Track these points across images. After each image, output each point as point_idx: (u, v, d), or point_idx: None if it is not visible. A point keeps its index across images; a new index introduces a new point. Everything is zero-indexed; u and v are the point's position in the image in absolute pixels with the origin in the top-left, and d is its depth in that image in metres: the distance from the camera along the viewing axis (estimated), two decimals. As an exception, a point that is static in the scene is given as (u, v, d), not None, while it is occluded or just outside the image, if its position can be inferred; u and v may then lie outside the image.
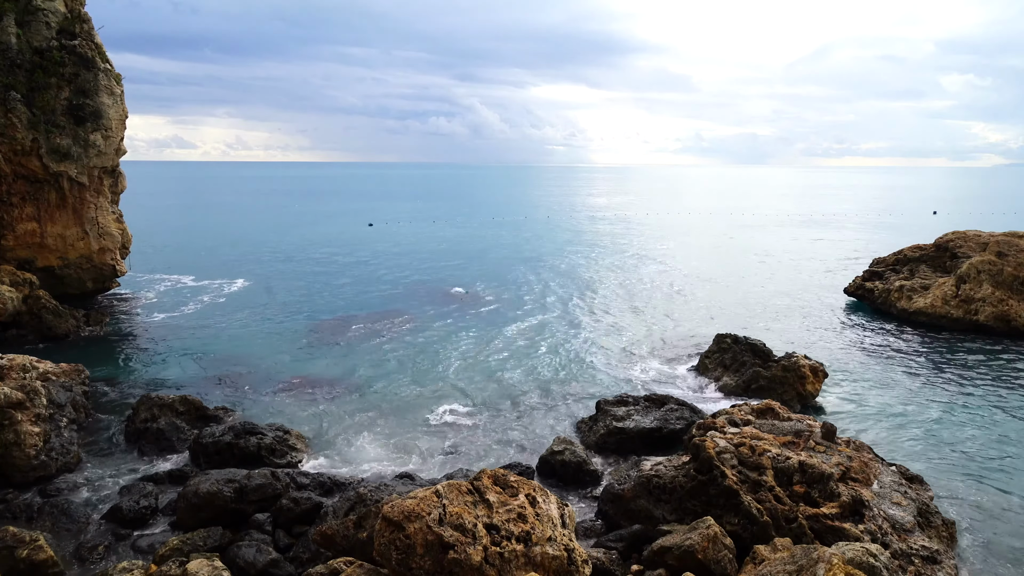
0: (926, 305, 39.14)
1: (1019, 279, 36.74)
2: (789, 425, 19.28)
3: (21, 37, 38.69)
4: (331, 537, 15.11)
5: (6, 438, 19.95)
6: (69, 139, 39.77)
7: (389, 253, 68.72)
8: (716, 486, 16.48)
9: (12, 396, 20.64)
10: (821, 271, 58.73)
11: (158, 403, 23.82)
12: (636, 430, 22.90)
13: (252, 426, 22.85)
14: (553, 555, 12.70)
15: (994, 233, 42.23)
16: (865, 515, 15.63)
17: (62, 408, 22.41)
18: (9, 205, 39.59)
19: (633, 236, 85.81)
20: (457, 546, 12.16)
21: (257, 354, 32.89)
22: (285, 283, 51.38)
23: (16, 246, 40.15)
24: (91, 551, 16.65)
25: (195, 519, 17.51)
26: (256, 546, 15.95)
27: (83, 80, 40.18)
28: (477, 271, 57.68)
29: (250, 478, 18.45)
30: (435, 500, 12.87)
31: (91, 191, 42.24)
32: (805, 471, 16.44)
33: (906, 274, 43.48)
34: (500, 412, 26.17)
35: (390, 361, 32.11)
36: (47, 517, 17.74)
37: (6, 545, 15.11)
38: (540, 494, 13.97)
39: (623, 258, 66.22)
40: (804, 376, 26.72)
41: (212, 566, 14.11)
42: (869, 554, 12.37)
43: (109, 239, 43.73)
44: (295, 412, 25.96)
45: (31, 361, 23.10)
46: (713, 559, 14.41)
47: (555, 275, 55.89)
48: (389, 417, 25.56)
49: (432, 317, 40.82)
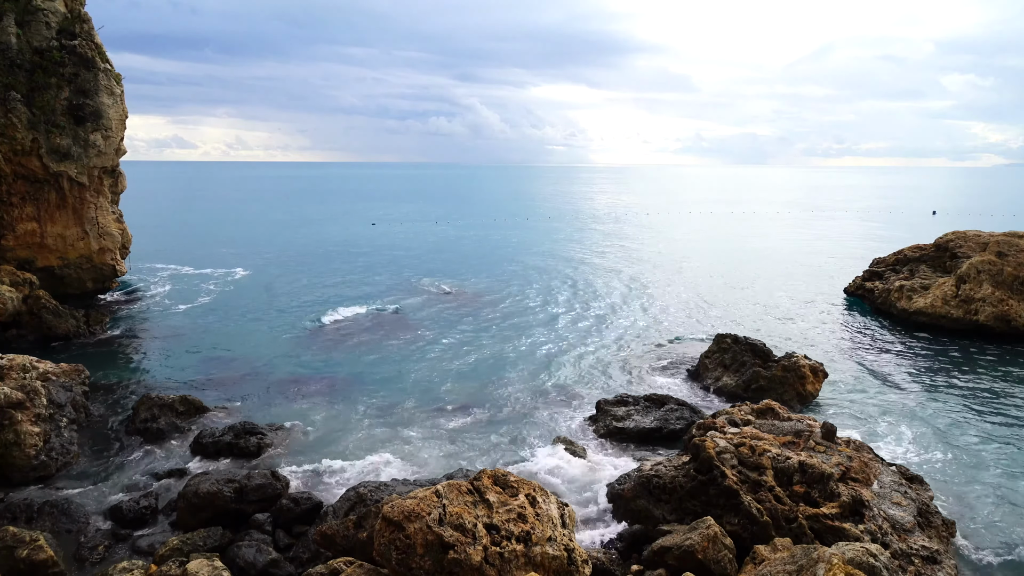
0: (926, 305, 39.14)
1: (1019, 279, 36.73)
2: (789, 425, 19.28)
3: (21, 37, 38.70)
4: (331, 537, 15.11)
5: (6, 438, 19.96)
6: (69, 139, 39.78)
7: (390, 252, 68.72)
8: (716, 486, 16.48)
9: (12, 396, 20.64)
10: (821, 271, 58.72)
11: (158, 403, 23.83)
12: (636, 430, 22.91)
13: (252, 426, 22.86)
14: (553, 555, 12.70)
15: (994, 233, 42.22)
16: (865, 515, 15.63)
17: (62, 408, 22.42)
18: (9, 205, 39.60)
19: (633, 236, 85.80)
20: (457, 546, 12.16)
21: (257, 354, 32.89)
22: (286, 283, 51.39)
23: (16, 246, 40.17)
24: (91, 551, 16.65)
25: (195, 519, 17.51)
26: (256, 546, 15.95)
27: (83, 80, 40.19)
28: (478, 271, 57.68)
29: (250, 478, 18.46)
30: (435, 500, 12.87)
31: (91, 191, 42.25)
32: (805, 471, 16.44)
33: (906, 274, 43.48)
34: (500, 411, 26.16)
35: (390, 360, 32.10)
36: (47, 517, 17.72)
37: (6, 545, 15.11)
38: (540, 494, 13.97)
39: (623, 258, 66.21)
40: (804, 376, 26.73)
41: (212, 566, 14.11)
42: (869, 554, 12.36)
43: (109, 239, 43.74)
44: (295, 412, 25.96)
45: (31, 361, 23.10)
46: (713, 559, 14.41)
47: (556, 275, 55.90)
48: (389, 416, 25.56)
49: (432, 317, 40.82)
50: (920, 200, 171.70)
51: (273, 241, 76.71)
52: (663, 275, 56.14)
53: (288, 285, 50.58)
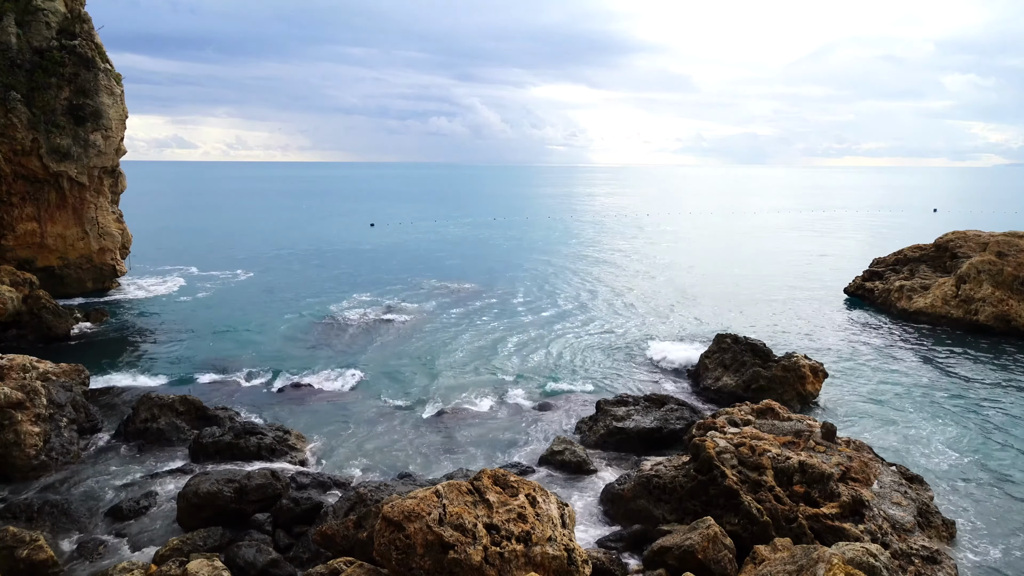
0: (926, 305, 39.14)
1: (1019, 279, 36.72)
2: (789, 425, 19.28)
3: (21, 37, 38.71)
4: (331, 537, 15.11)
5: (6, 438, 19.96)
6: (69, 139, 39.79)
7: (390, 253, 68.73)
8: (716, 486, 16.48)
9: (12, 396, 20.64)
10: (821, 271, 58.73)
11: (158, 403, 23.81)
12: (636, 430, 22.90)
13: (252, 426, 22.85)
14: (553, 555, 12.70)
15: (994, 233, 42.22)
16: (865, 515, 15.63)
17: (62, 408, 22.41)
18: (9, 205, 39.61)
19: (633, 236, 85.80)
20: (457, 546, 12.16)
21: (257, 353, 32.88)
22: (286, 283, 51.39)
23: (16, 246, 40.18)
24: (91, 551, 16.64)
25: (195, 519, 17.50)
26: (256, 546, 15.94)
27: (83, 80, 40.21)
28: (478, 271, 57.67)
29: (250, 478, 18.44)
30: (435, 500, 12.86)
31: (91, 191, 42.26)
32: (805, 471, 16.44)
33: (906, 274, 43.48)
34: (500, 411, 26.17)
35: (389, 360, 32.10)
36: (47, 517, 17.72)
37: (6, 545, 15.10)
38: (540, 494, 13.96)
39: (623, 258, 66.21)
40: (804, 376, 26.71)
41: (212, 566, 14.10)
42: (869, 554, 12.36)
43: (109, 239, 43.75)
44: (295, 412, 25.97)
45: (31, 361, 23.10)
46: (713, 559, 14.41)
47: (556, 275, 55.90)
48: (389, 416, 25.56)
49: (432, 317, 40.82)
50: (920, 200, 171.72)
51: (273, 241, 76.72)
52: (663, 275, 56.14)
53: (288, 285, 50.58)
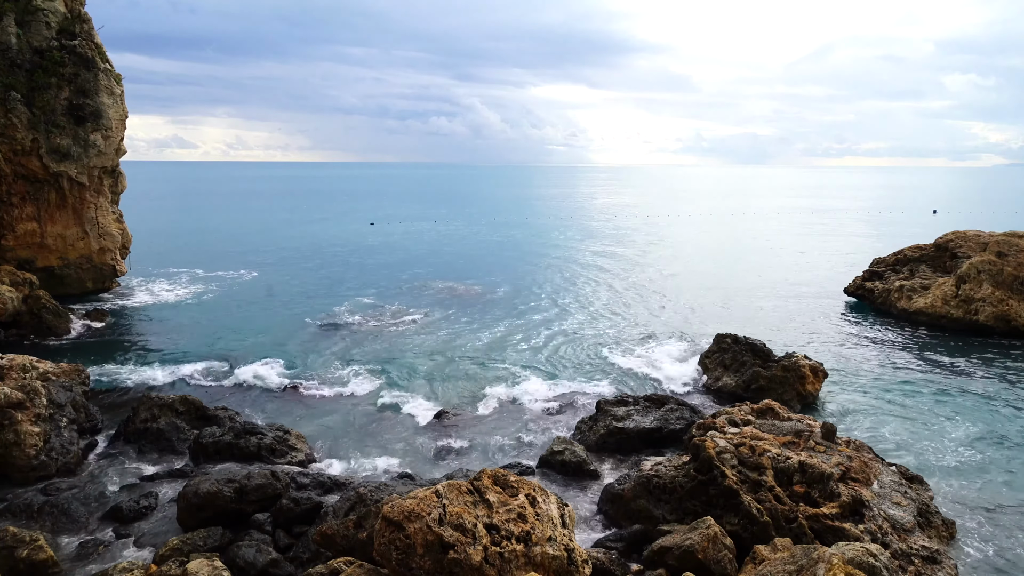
0: (926, 305, 39.13)
1: (1019, 279, 36.72)
2: (789, 425, 19.28)
3: (21, 37, 38.71)
4: (331, 537, 15.11)
5: (6, 438, 19.95)
6: (69, 139, 39.79)
7: (390, 252, 68.72)
8: (716, 486, 16.48)
9: (12, 396, 20.64)
10: (821, 271, 58.70)
11: (158, 403, 23.81)
12: (636, 430, 22.90)
13: (252, 426, 22.85)
14: (553, 555, 12.70)
15: (994, 233, 42.21)
16: (865, 515, 15.63)
17: (62, 408, 22.40)
18: (9, 205, 39.61)
19: (633, 236, 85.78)
20: (457, 546, 12.16)
21: (258, 353, 32.86)
22: (286, 282, 51.39)
23: (16, 246, 40.18)
24: (91, 551, 16.65)
25: (195, 519, 17.50)
26: (256, 546, 15.94)
27: (83, 80, 40.20)
28: (478, 271, 57.66)
29: (250, 478, 18.43)
30: (435, 500, 12.86)
31: (91, 191, 42.26)
32: (805, 471, 16.44)
33: (906, 274, 43.47)
34: (501, 411, 26.17)
35: (389, 360, 32.09)
36: (47, 517, 17.72)
37: (6, 545, 15.10)
38: (540, 494, 13.96)
39: (623, 258, 66.20)
40: (804, 376, 26.71)
41: (212, 566, 14.10)
42: (869, 554, 12.36)
43: (109, 239, 43.75)
44: (295, 412, 25.97)
45: (31, 361, 23.10)
46: (713, 559, 14.41)
47: (555, 275, 55.90)
48: (389, 416, 25.57)
49: (431, 317, 40.82)
50: (920, 200, 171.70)
51: (273, 241, 76.70)
52: (662, 274, 56.12)
53: (288, 285, 50.57)
